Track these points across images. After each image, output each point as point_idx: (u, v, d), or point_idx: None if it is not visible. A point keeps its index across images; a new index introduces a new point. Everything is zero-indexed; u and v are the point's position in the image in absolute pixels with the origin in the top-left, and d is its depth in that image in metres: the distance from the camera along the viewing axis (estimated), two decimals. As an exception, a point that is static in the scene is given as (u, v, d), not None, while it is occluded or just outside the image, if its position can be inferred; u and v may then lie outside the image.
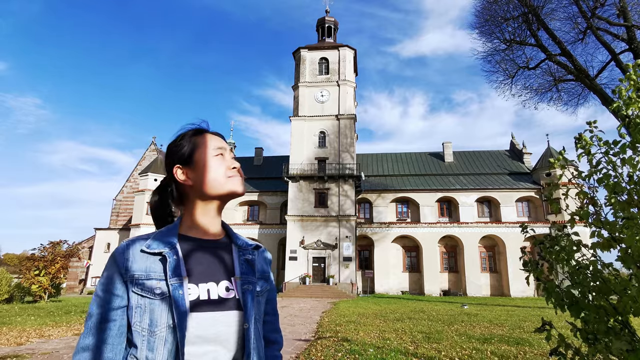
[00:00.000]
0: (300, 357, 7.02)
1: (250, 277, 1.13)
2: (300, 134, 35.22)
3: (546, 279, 1.88)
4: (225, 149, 1.20)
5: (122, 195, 46.88)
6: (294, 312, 16.48)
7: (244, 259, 1.16)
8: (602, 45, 12.85)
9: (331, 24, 40.63)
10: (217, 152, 1.16)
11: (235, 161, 1.19)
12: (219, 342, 1.02)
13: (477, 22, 15.84)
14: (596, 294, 1.69)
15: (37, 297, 20.69)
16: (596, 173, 1.76)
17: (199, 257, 1.10)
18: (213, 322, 1.02)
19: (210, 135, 1.21)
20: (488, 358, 6.86)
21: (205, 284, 1.05)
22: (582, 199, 1.75)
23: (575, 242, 1.81)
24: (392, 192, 36.17)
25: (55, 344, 8.39)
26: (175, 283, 1.01)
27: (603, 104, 12.74)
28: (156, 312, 0.99)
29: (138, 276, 1.01)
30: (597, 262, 1.73)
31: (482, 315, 14.70)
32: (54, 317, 13.20)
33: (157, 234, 1.10)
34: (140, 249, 1.04)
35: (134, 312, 1.00)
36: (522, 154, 39.22)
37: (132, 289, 1.01)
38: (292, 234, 32.66)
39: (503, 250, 33.05)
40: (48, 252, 21.35)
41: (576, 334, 1.90)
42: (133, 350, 0.98)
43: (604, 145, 1.82)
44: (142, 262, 1.03)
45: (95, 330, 0.98)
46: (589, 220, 1.68)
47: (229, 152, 1.21)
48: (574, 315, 1.84)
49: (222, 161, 1.16)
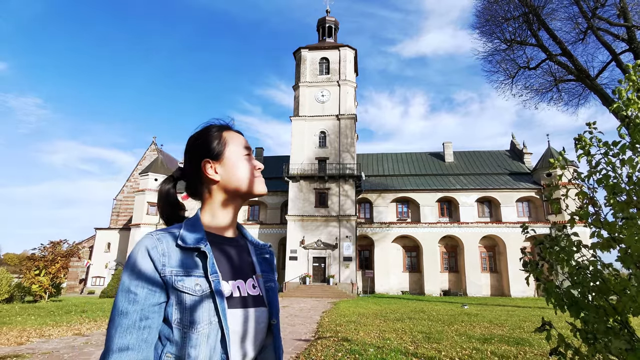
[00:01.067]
0: (301, 357, 7.03)
1: (270, 275, 1.18)
2: (300, 134, 35.24)
3: (546, 279, 1.89)
4: (251, 149, 1.22)
5: (122, 195, 46.92)
6: (294, 312, 16.49)
7: (262, 257, 1.19)
8: (602, 45, 12.85)
9: (332, 24, 40.64)
10: (246, 152, 1.18)
11: (259, 162, 1.21)
12: (249, 338, 1.03)
13: (478, 22, 15.85)
14: (596, 294, 1.70)
15: (37, 297, 20.70)
16: (596, 174, 1.76)
17: (225, 254, 1.10)
18: (245, 318, 1.03)
19: (238, 135, 1.22)
20: (488, 358, 6.87)
21: (235, 282, 1.07)
22: (582, 199, 1.76)
23: (575, 243, 1.81)
24: (392, 192, 36.18)
25: (56, 343, 8.40)
26: (215, 280, 1.00)
27: (604, 104, 12.73)
28: (198, 309, 0.97)
29: (177, 272, 0.98)
30: (597, 262, 1.73)
31: (482, 316, 14.70)
32: (54, 316, 13.21)
33: (187, 228, 1.07)
34: (175, 244, 1.02)
35: (174, 310, 0.98)
36: (523, 154, 39.21)
37: (173, 284, 0.97)
38: (292, 234, 32.68)
39: (503, 251, 33.05)
40: (48, 252, 21.38)
41: (576, 334, 1.91)
42: (170, 347, 0.96)
43: (603, 146, 1.83)
44: (179, 257, 1.01)
45: (134, 328, 0.94)
46: (588, 221, 1.69)
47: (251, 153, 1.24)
48: (574, 315, 1.84)
49: (250, 161, 1.18)
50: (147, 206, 38.02)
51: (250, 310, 1.05)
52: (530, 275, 2.05)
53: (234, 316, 1.01)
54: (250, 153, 1.20)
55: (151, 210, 38.14)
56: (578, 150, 1.81)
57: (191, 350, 0.95)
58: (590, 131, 1.91)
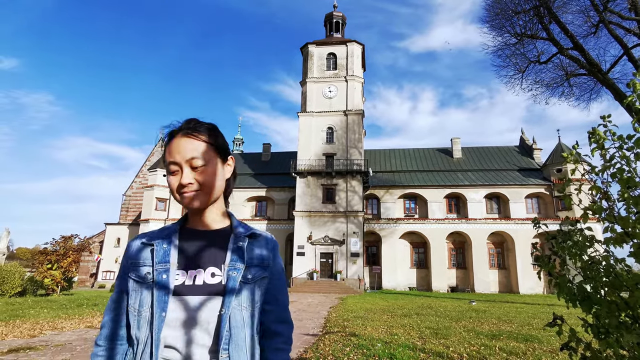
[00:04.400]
0: (309, 351, 7.07)
1: (237, 264, 1.16)
2: (308, 130, 35.23)
3: (558, 274, 1.88)
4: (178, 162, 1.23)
5: (131, 190, 47.36)
6: (302, 307, 16.58)
7: (236, 246, 1.19)
8: (614, 39, 12.64)
9: (339, 19, 40.44)
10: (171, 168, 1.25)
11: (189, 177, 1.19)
12: (200, 326, 1.08)
13: (488, 15, 15.64)
14: (609, 289, 1.69)
15: (49, 291, 21.03)
16: (610, 168, 1.75)
17: (194, 246, 1.18)
18: (194, 306, 1.09)
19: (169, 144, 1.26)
20: (497, 354, 6.85)
21: (193, 271, 1.13)
22: (596, 193, 1.74)
23: (589, 238, 1.80)
24: (400, 188, 36.06)
25: (69, 336, 8.54)
26: (160, 269, 1.12)
27: (616, 98, 12.54)
28: (144, 295, 1.11)
29: (134, 263, 1.16)
30: (610, 257, 1.72)
31: (491, 312, 14.64)
32: (66, 310, 13.43)
33: (160, 229, 1.24)
34: (141, 242, 1.19)
35: (129, 295, 1.14)
36: (532, 149, 38.78)
37: (130, 274, 1.15)
38: (299, 230, 32.77)
39: (512, 247, 32.82)
40: (60, 246, 21.66)
41: (587, 329, 1.90)
42: (130, 330, 1.12)
43: (618, 139, 1.81)
44: (139, 252, 1.17)
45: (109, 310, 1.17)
46: (602, 215, 1.67)
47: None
48: (586, 310, 1.83)
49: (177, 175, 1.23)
50: (156, 202, 38.30)
51: (201, 298, 1.10)
52: (542, 270, 2.04)
53: (181, 304, 1.09)
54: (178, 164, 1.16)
55: (160, 206, 38.42)
56: (592, 144, 1.80)
57: (137, 331, 1.09)
58: (604, 124, 1.89)
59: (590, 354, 1.78)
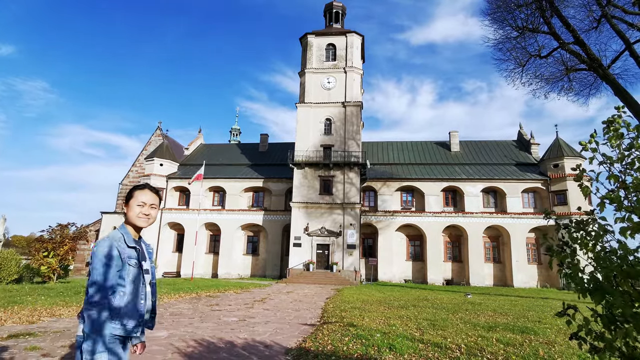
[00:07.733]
0: (308, 340, 7.11)
1: (151, 259, 2.55)
2: (306, 121, 35.12)
3: (571, 263, 1.88)
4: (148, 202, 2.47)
5: (128, 179, 47.17)
6: (299, 298, 16.66)
7: (147, 249, 2.52)
8: (616, 34, 12.61)
9: (339, 10, 40.12)
10: (141, 202, 2.44)
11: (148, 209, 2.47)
12: (151, 289, 2.46)
13: (489, 8, 15.55)
14: (622, 278, 1.69)
15: (46, 278, 21.00)
16: (627, 157, 1.74)
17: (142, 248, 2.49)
18: (148, 279, 2.42)
19: (143, 191, 2.50)
20: (494, 345, 6.92)
21: (146, 262, 2.45)
22: (614, 182, 1.73)
23: (603, 227, 1.80)
24: (397, 180, 36.13)
25: (67, 322, 8.54)
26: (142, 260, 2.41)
27: (616, 94, 12.54)
28: (133, 272, 2.31)
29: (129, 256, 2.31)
30: (625, 247, 1.72)
31: (486, 305, 14.78)
32: (64, 297, 13.42)
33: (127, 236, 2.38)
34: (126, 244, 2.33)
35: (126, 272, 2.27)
36: (530, 144, 38.89)
37: (127, 262, 2.29)
38: (296, 221, 32.83)
39: (507, 241, 33.08)
40: (56, 234, 21.60)
41: (596, 320, 1.91)
42: (121, 288, 2.24)
43: (634, 130, 1.80)
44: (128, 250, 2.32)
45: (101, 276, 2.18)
46: (622, 204, 1.67)
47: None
48: (597, 300, 1.83)
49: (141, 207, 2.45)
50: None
51: (148, 276, 2.43)
52: (553, 261, 2.03)
53: (146, 277, 2.40)
54: (145, 203, 2.45)
55: (156, 195, 38.27)
56: (610, 132, 1.79)
57: (128, 287, 2.26)
58: (619, 115, 1.88)
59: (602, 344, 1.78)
